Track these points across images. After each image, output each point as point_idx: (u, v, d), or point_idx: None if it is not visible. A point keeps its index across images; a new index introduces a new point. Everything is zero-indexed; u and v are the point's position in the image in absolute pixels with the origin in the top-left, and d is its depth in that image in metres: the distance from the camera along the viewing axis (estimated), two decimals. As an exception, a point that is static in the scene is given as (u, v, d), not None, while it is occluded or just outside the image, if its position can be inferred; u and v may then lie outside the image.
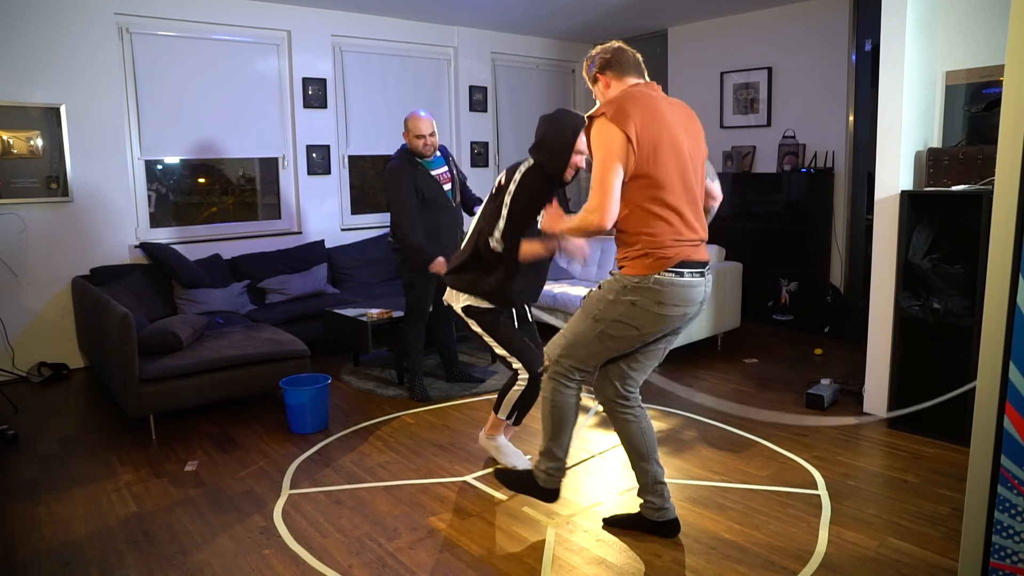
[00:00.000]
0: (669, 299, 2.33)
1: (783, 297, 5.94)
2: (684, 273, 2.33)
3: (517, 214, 2.93)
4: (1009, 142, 1.72)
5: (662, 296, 2.32)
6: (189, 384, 3.73)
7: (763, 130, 6.30)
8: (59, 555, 2.61)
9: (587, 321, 2.44)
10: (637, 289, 2.33)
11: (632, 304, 2.34)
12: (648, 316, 2.35)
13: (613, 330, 2.40)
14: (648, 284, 2.32)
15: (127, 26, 5.04)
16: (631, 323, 2.37)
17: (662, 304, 2.33)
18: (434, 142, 4.08)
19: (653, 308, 2.33)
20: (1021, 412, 1.75)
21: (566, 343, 2.50)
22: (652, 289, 2.32)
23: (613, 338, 2.42)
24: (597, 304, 2.42)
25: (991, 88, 3.59)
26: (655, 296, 2.32)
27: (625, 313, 2.36)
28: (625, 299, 2.35)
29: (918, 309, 3.46)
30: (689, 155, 2.39)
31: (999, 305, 1.77)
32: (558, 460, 2.64)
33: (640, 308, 2.34)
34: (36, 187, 4.74)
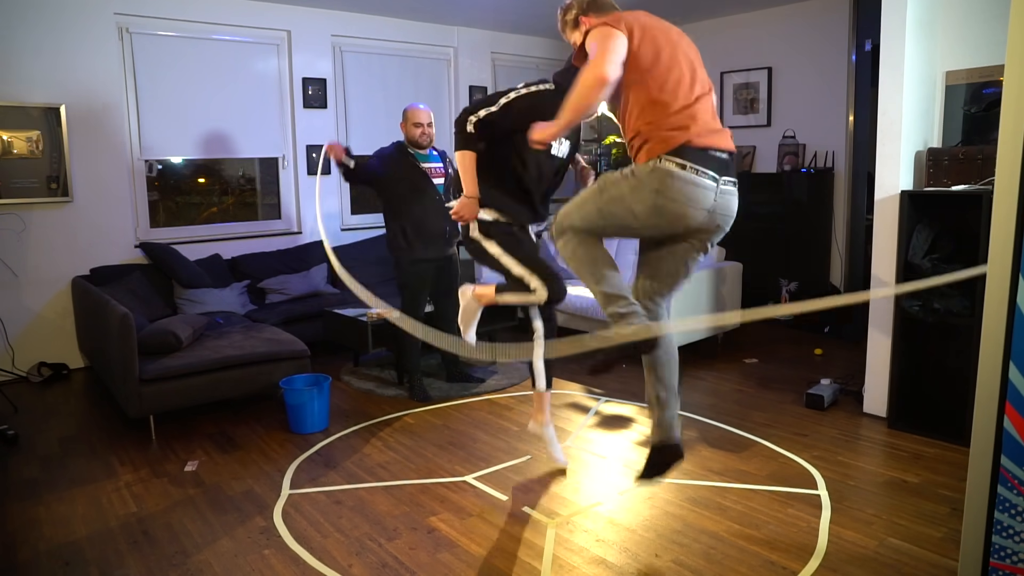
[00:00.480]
0: (667, 190, 2.26)
1: (783, 297, 5.94)
2: (686, 166, 2.25)
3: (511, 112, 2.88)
4: (1009, 142, 1.72)
5: (662, 185, 2.26)
6: (189, 384, 3.73)
7: (763, 130, 6.30)
8: (59, 555, 2.61)
9: (596, 192, 2.42)
10: (641, 172, 2.30)
11: (635, 187, 2.31)
12: (646, 203, 2.29)
13: (612, 205, 2.37)
14: (650, 168, 2.27)
15: (127, 26, 5.04)
16: (629, 203, 2.33)
17: (659, 193, 2.27)
18: (431, 133, 4.12)
19: (653, 196, 2.28)
20: (1021, 412, 1.75)
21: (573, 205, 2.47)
22: (653, 173, 2.27)
23: (611, 213, 2.38)
24: (611, 179, 2.39)
25: (991, 88, 3.59)
26: (654, 183, 2.27)
27: (627, 193, 2.33)
28: (631, 179, 2.32)
29: (918, 309, 3.46)
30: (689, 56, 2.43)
31: (999, 305, 1.77)
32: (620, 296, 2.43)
33: (639, 191, 2.30)
34: (36, 187, 4.74)
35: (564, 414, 3.98)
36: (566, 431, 3.71)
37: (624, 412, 4.00)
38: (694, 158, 2.27)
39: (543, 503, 2.92)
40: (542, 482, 3.12)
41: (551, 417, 3.30)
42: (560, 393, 4.33)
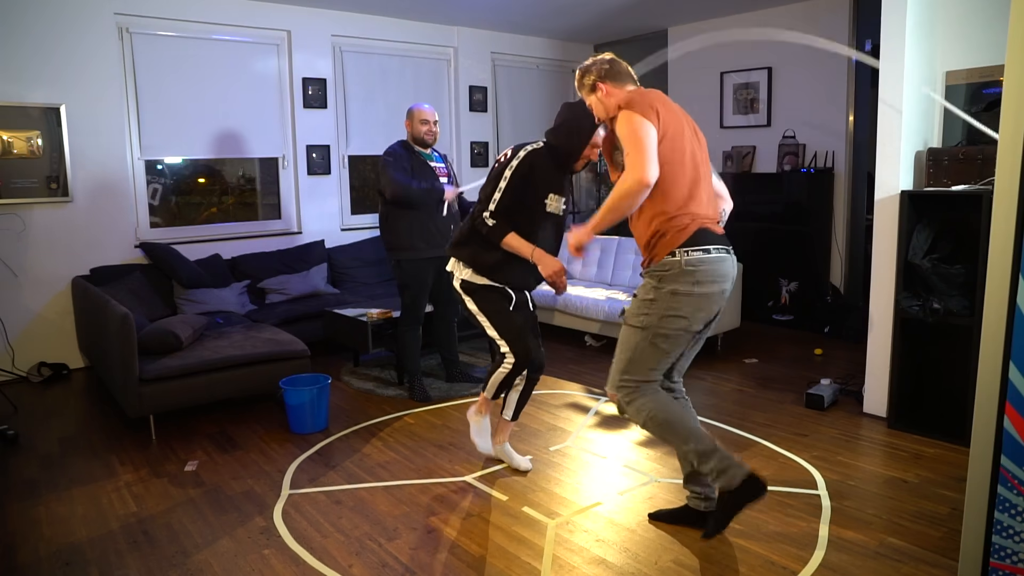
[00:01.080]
0: (705, 276, 2.37)
1: (783, 297, 5.94)
2: (710, 249, 2.38)
3: (516, 188, 2.89)
4: (1009, 142, 1.73)
5: (698, 275, 2.36)
6: (189, 384, 3.73)
7: (763, 130, 6.30)
8: (59, 555, 2.61)
9: (636, 334, 2.45)
10: (672, 277, 2.37)
11: (673, 294, 2.38)
12: (691, 300, 2.38)
13: (664, 329, 2.41)
14: (681, 268, 2.35)
15: (127, 26, 5.04)
16: (678, 313, 2.39)
17: (700, 283, 2.36)
18: (436, 132, 4.15)
19: (694, 290, 2.36)
20: (1021, 412, 1.75)
21: (623, 366, 2.50)
22: (686, 272, 2.35)
23: (667, 338, 2.42)
24: (639, 313, 2.45)
25: (991, 88, 3.59)
26: (691, 277, 2.36)
27: (670, 306, 2.39)
28: (664, 291, 2.38)
29: (918, 309, 3.46)
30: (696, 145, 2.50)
31: (999, 305, 1.77)
32: (714, 451, 2.43)
33: (682, 295, 2.37)
34: (36, 187, 4.74)
35: (564, 414, 3.98)
36: (566, 431, 3.71)
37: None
38: (710, 240, 2.40)
39: (543, 503, 2.92)
40: (542, 482, 3.12)
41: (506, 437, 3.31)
42: (560, 393, 4.33)
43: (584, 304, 5.18)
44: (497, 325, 3.01)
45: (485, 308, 3.02)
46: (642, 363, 2.47)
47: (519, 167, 2.91)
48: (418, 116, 4.09)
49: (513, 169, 2.91)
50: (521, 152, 2.94)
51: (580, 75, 2.63)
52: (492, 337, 3.05)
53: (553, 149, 2.94)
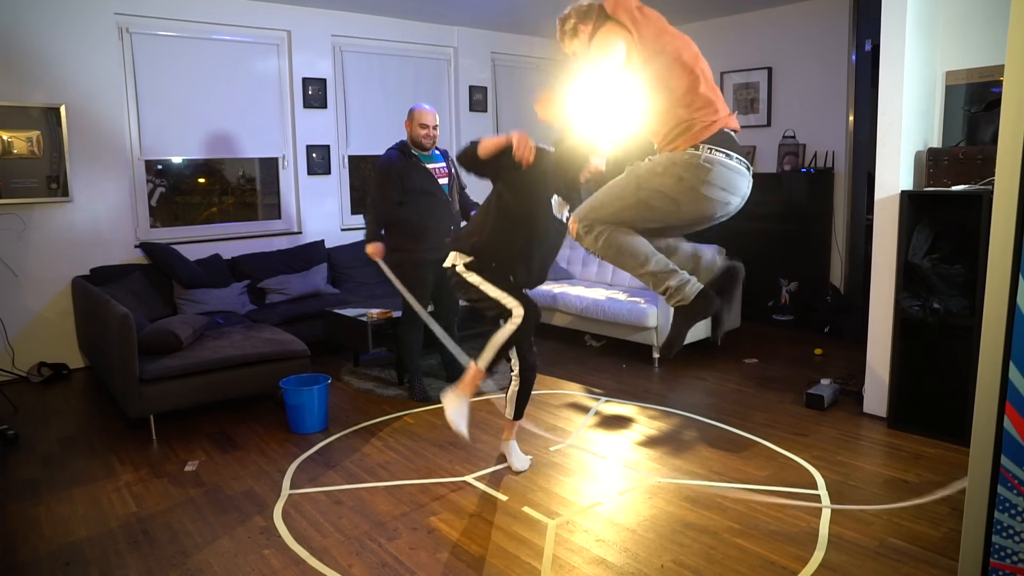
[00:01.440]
0: (717, 180, 2.28)
1: (783, 297, 5.94)
2: (733, 156, 2.30)
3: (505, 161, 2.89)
4: (1009, 142, 1.72)
5: (711, 175, 2.27)
6: (189, 384, 3.73)
7: (763, 130, 6.30)
8: (59, 555, 2.61)
9: (629, 184, 2.38)
10: (687, 165, 2.28)
11: (679, 179, 2.30)
12: (692, 194, 2.30)
13: (653, 199, 2.34)
14: (699, 162, 2.27)
15: (127, 26, 5.04)
16: (672, 196, 2.32)
17: (709, 185, 2.28)
18: (435, 135, 4.13)
19: (699, 187, 2.29)
20: (1021, 412, 1.75)
21: (599, 203, 2.43)
22: (702, 167, 2.27)
23: (650, 207, 2.36)
24: (644, 171, 2.37)
25: (998, 87, 3.59)
26: (704, 175, 2.27)
27: (670, 186, 2.31)
28: (674, 171, 2.30)
29: (918, 309, 3.46)
30: None
31: (999, 305, 1.77)
32: (670, 271, 2.43)
33: (687, 184, 2.29)
34: (36, 187, 4.74)
35: (564, 414, 3.98)
36: (566, 431, 3.71)
37: (624, 412, 4.00)
38: (732, 145, 2.30)
39: (543, 503, 2.92)
40: (542, 482, 3.12)
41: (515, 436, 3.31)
42: (560, 393, 4.33)
43: (584, 304, 5.18)
44: (500, 286, 2.97)
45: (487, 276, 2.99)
46: (616, 213, 2.40)
47: None
48: (418, 119, 4.08)
49: None
50: None
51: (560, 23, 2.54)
52: (496, 298, 2.96)
53: None
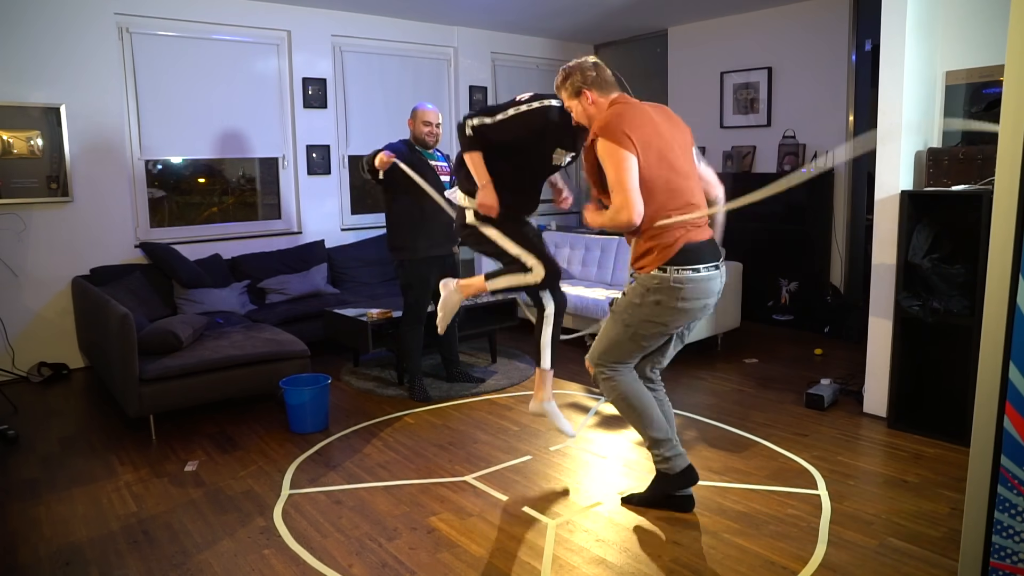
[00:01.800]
0: (690, 295, 2.51)
1: (783, 297, 5.94)
2: (700, 269, 2.51)
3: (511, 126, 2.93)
4: (1009, 142, 1.72)
5: (683, 293, 2.50)
6: (189, 384, 3.73)
7: (763, 130, 6.30)
8: (59, 555, 2.61)
9: (619, 326, 2.65)
10: (659, 290, 2.53)
11: (656, 304, 2.54)
12: (673, 312, 2.54)
13: (644, 329, 2.60)
14: (668, 284, 2.49)
15: (127, 26, 5.04)
16: (658, 320, 2.57)
17: (684, 300, 2.51)
18: (438, 133, 4.15)
19: (676, 304, 2.52)
20: (1021, 412, 1.75)
21: (603, 349, 2.70)
22: (673, 288, 2.51)
23: (645, 336, 2.63)
24: (626, 310, 2.62)
25: (991, 88, 3.59)
26: (677, 294, 2.50)
27: (651, 313, 2.56)
28: (649, 300, 2.54)
29: (918, 309, 3.46)
30: (682, 150, 2.60)
31: (999, 305, 1.77)
32: (665, 441, 2.71)
33: (664, 307, 2.53)
34: (36, 187, 4.74)
35: (564, 414, 3.96)
36: (566, 431, 3.71)
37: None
38: (698, 257, 2.50)
39: (543, 503, 2.92)
40: (542, 482, 3.12)
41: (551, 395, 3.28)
42: (560, 393, 4.32)
43: (584, 304, 5.18)
44: (520, 240, 3.06)
45: (504, 228, 3.05)
46: (620, 351, 2.68)
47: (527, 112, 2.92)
48: (421, 116, 4.08)
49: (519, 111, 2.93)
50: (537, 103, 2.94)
51: (563, 77, 2.70)
52: (516, 255, 3.05)
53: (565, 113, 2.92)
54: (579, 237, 6.16)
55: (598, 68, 2.65)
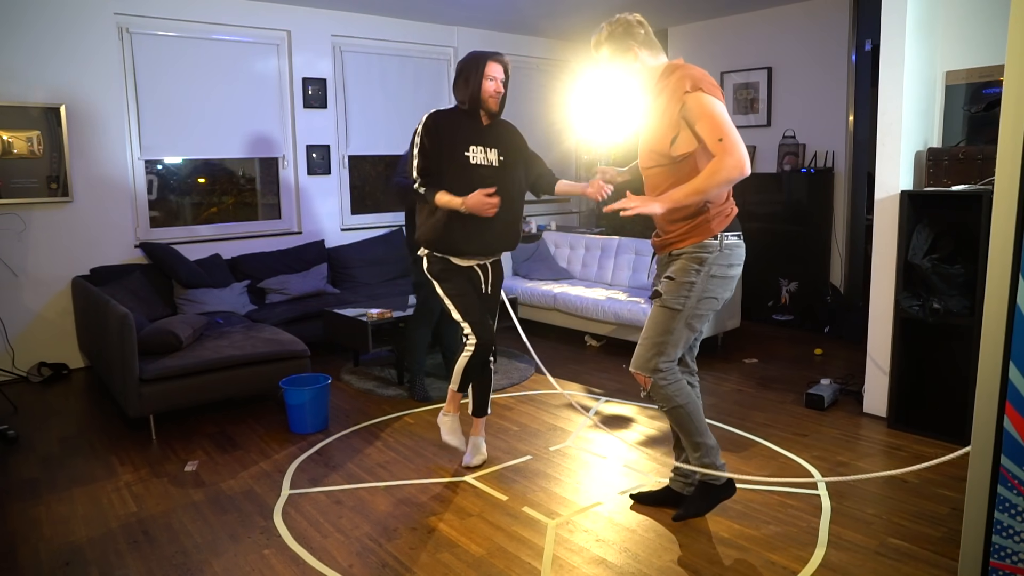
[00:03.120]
0: (737, 259, 2.51)
1: (783, 297, 5.94)
2: (741, 234, 2.53)
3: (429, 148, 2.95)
4: (1009, 142, 1.72)
5: (732, 258, 2.49)
6: (189, 384, 3.73)
7: (763, 130, 6.30)
8: (59, 555, 2.61)
9: (674, 316, 2.50)
10: (713, 260, 2.46)
11: (712, 276, 2.48)
12: (724, 282, 2.51)
13: (701, 308, 2.51)
14: (720, 251, 2.46)
15: (127, 26, 5.04)
16: (713, 295, 2.50)
17: (732, 266, 2.50)
18: None
19: (728, 272, 2.50)
20: (1021, 412, 1.75)
21: (659, 348, 2.52)
22: (724, 254, 2.47)
23: (700, 318, 2.53)
24: (678, 295, 2.49)
25: (991, 88, 3.59)
26: (727, 259, 2.48)
27: (707, 288, 2.48)
28: (704, 273, 2.47)
29: (918, 309, 3.46)
30: None
31: (999, 305, 1.77)
32: (716, 448, 2.65)
33: (718, 277, 2.48)
34: (36, 187, 4.74)
35: (564, 414, 3.98)
36: (566, 431, 3.71)
37: (624, 412, 4.00)
38: (738, 225, 2.54)
39: (543, 503, 2.92)
40: (542, 482, 3.12)
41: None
42: (560, 393, 4.32)
43: (584, 304, 5.18)
44: (456, 302, 3.07)
45: (444, 283, 3.08)
46: (676, 344, 2.53)
47: (423, 128, 2.97)
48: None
49: (418, 132, 2.98)
50: (424, 116, 3.01)
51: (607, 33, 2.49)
52: (457, 320, 3.10)
53: (459, 104, 3.03)
54: (579, 237, 6.16)
55: (645, 27, 2.51)
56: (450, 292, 3.08)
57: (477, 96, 2.98)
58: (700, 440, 2.61)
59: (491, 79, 3.01)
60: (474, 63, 3.00)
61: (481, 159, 3.01)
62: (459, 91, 3.03)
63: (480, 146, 3.01)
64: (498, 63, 3.04)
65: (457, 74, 3.05)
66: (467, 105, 3.00)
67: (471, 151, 2.99)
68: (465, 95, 3.00)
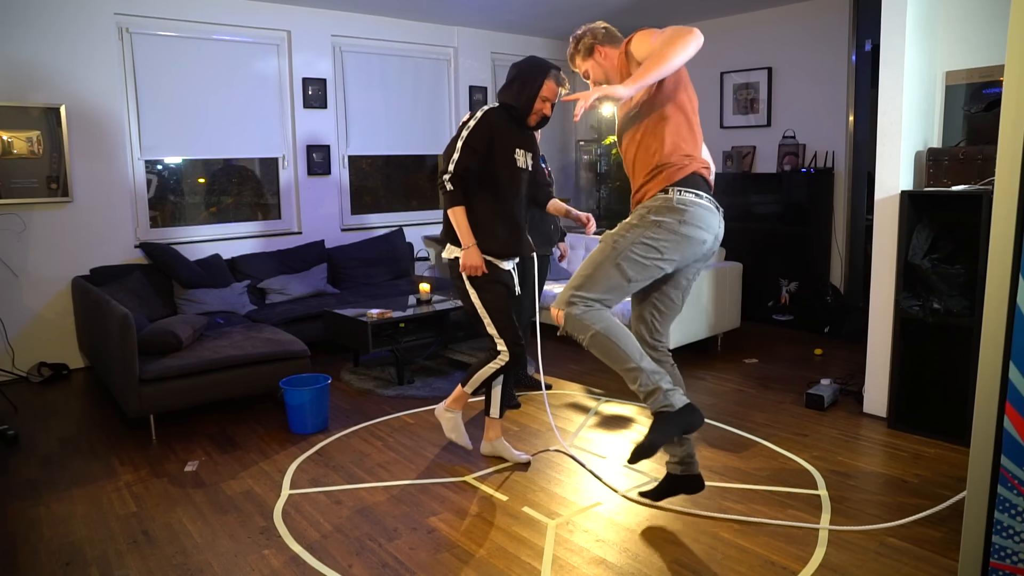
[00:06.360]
0: (692, 219, 2.35)
1: (783, 297, 5.94)
2: (702, 195, 2.39)
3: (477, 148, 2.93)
4: (1009, 142, 1.73)
5: (686, 215, 2.34)
6: (189, 384, 3.73)
7: (763, 130, 6.30)
8: (59, 555, 2.61)
9: (606, 249, 2.38)
10: (661, 209, 2.36)
11: (657, 224, 2.35)
12: (672, 237, 2.35)
13: (634, 253, 2.34)
14: (672, 204, 2.36)
15: (127, 26, 5.04)
16: (653, 243, 2.34)
17: (686, 224, 2.34)
18: None
19: (678, 228, 2.35)
20: (1021, 412, 1.75)
21: (581, 281, 2.39)
22: (676, 208, 2.35)
23: (633, 263, 2.35)
24: (618, 231, 2.40)
25: (991, 88, 3.59)
26: (679, 215, 2.35)
27: (647, 233, 2.35)
28: (649, 219, 2.37)
29: (918, 309, 3.46)
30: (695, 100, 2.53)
31: (999, 305, 1.77)
32: (651, 371, 2.39)
33: (665, 228, 2.35)
34: (36, 187, 4.74)
35: (564, 414, 3.98)
36: (566, 431, 3.71)
37: (624, 412, 4.00)
38: (701, 186, 2.42)
39: (543, 503, 2.92)
40: (542, 482, 3.12)
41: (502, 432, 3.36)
42: (560, 393, 4.32)
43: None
44: (490, 308, 3.03)
45: (488, 304, 3.03)
46: (601, 282, 2.36)
47: (477, 126, 2.94)
48: None
49: (471, 129, 2.94)
50: (479, 112, 2.98)
51: (575, 42, 2.66)
52: (491, 334, 3.06)
53: (509, 107, 3.00)
54: (579, 238, 6.16)
55: (607, 27, 2.61)
56: (488, 304, 3.01)
57: (526, 110, 2.97)
58: (632, 366, 2.36)
59: (544, 99, 2.98)
60: (532, 75, 2.95)
61: (522, 163, 3.06)
62: (508, 94, 2.99)
63: (522, 150, 3.05)
64: (556, 84, 2.99)
65: (513, 76, 2.99)
66: (518, 113, 2.98)
67: (517, 154, 3.02)
68: (514, 101, 2.96)
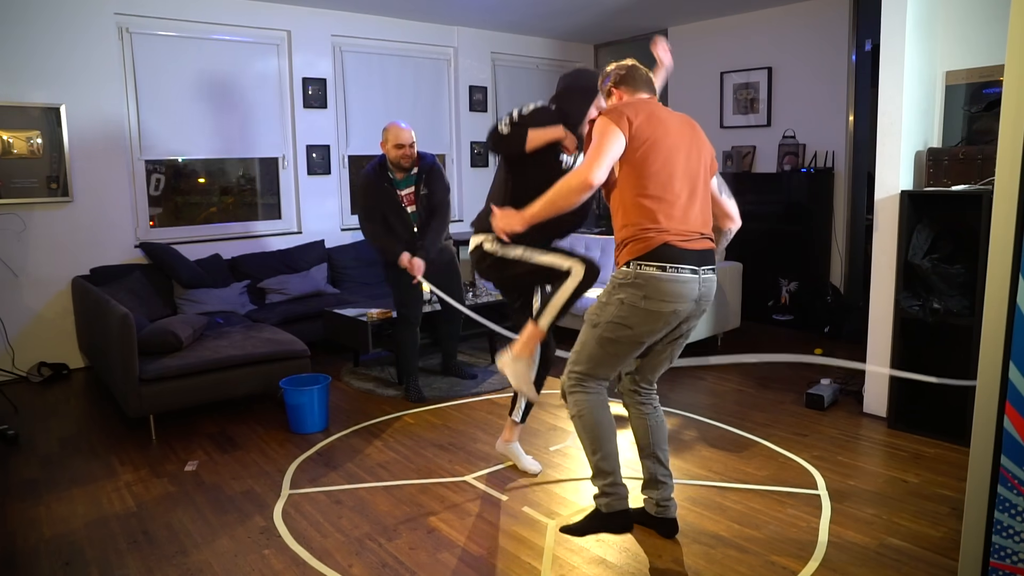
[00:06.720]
0: (654, 294, 2.31)
1: (783, 297, 5.94)
2: (667, 268, 2.31)
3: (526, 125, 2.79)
4: (1009, 142, 1.72)
5: (647, 291, 2.31)
6: (189, 384, 3.73)
7: (763, 130, 6.30)
8: (59, 555, 2.61)
9: (587, 329, 2.48)
10: (623, 286, 2.35)
11: (620, 302, 2.36)
12: (637, 313, 2.34)
13: (609, 332, 2.40)
14: (631, 280, 2.33)
15: (127, 26, 5.04)
16: (623, 322, 2.37)
17: (648, 299, 2.32)
18: (413, 154, 4.03)
19: (640, 303, 2.32)
20: (1021, 412, 1.75)
21: (574, 354, 2.52)
22: (636, 284, 2.32)
23: (612, 341, 2.41)
24: (594, 310, 2.46)
25: (991, 88, 3.59)
26: (640, 291, 2.32)
27: (616, 312, 2.37)
28: (615, 298, 2.38)
29: (918, 309, 3.46)
30: (690, 159, 2.42)
31: (999, 305, 1.77)
32: (609, 474, 2.46)
33: (628, 305, 2.34)
34: (36, 187, 4.74)
35: (564, 414, 3.97)
36: (566, 431, 3.71)
37: (623, 412, 3.99)
38: (673, 257, 2.32)
39: (543, 503, 2.92)
40: (542, 482, 3.12)
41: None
42: (559, 393, 4.32)
43: (584, 304, 5.17)
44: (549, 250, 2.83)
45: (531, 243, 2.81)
46: (589, 359, 2.47)
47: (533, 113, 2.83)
48: (393, 140, 3.96)
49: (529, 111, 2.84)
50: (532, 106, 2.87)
51: (601, 80, 2.67)
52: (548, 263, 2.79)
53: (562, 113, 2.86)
54: (579, 237, 6.15)
55: (632, 68, 2.57)
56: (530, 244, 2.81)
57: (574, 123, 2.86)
58: (595, 460, 2.47)
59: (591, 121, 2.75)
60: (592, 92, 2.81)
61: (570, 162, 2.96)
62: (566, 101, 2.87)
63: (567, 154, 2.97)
64: None
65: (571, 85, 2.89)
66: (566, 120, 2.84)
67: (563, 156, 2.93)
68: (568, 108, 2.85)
